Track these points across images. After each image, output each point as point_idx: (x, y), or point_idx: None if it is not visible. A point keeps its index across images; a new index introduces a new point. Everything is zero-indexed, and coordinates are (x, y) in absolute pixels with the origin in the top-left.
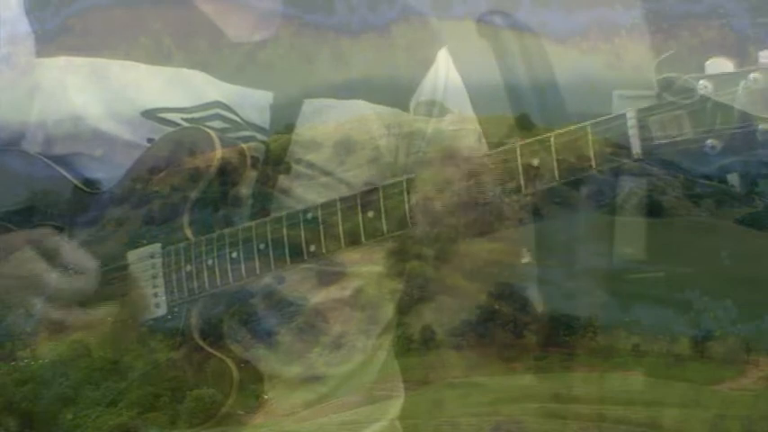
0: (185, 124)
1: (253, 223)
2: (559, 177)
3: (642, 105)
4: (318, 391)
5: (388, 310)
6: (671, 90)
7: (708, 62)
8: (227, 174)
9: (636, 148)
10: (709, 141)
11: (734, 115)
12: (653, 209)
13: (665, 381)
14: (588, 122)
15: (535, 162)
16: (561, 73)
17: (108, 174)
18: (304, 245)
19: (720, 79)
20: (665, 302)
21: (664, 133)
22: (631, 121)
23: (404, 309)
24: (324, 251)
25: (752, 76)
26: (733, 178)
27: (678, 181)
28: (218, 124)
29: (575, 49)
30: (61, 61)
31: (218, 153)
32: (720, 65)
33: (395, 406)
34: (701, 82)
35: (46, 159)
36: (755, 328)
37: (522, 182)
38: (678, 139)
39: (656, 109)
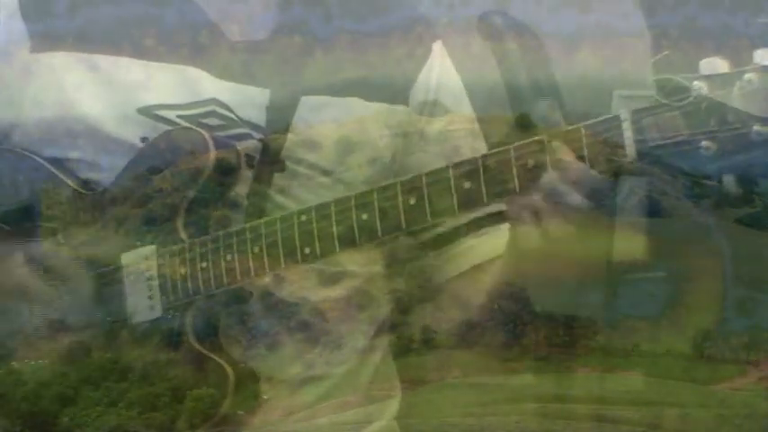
0: (181, 121)
1: (247, 225)
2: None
3: (642, 105)
4: (317, 392)
5: (386, 310)
6: (665, 91)
7: (702, 62)
8: (221, 174)
9: (630, 149)
10: (704, 143)
11: (729, 116)
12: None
13: (665, 381)
14: (582, 124)
15: (530, 163)
16: (561, 73)
17: (101, 172)
18: (298, 247)
19: (715, 80)
20: (665, 302)
21: (658, 134)
22: (626, 123)
23: (404, 309)
24: (318, 253)
25: (746, 76)
26: (728, 179)
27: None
28: (213, 121)
29: (575, 50)
30: (57, 57)
31: (213, 153)
32: (715, 65)
33: (392, 406)
34: (696, 83)
35: (38, 158)
36: (755, 327)
37: (516, 183)
38: (673, 140)
39: (651, 110)
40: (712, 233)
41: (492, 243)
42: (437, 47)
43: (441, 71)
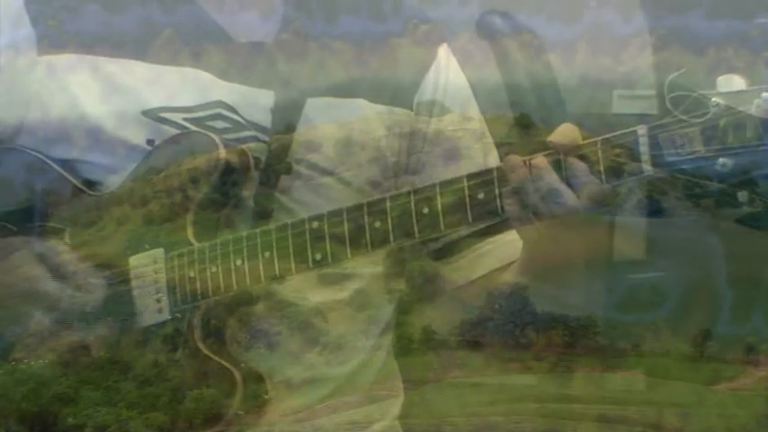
0: (186, 124)
1: (257, 230)
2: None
3: (642, 105)
4: (320, 392)
5: (389, 310)
6: (682, 107)
7: (720, 79)
8: (230, 176)
9: (647, 164)
10: (721, 159)
11: (748, 133)
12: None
13: (665, 381)
14: (599, 138)
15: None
16: (561, 73)
17: (106, 174)
18: (310, 253)
19: (733, 97)
20: (665, 302)
21: (675, 151)
22: (642, 138)
23: (404, 309)
24: (329, 260)
25: (765, 94)
26: (743, 196)
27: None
28: (219, 124)
29: (575, 50)
30: (63, 59)
31: (222, 156)
32: (732, 82)
33: (395, 406)
34: (714, 99)
35: (45, 158)
36: (755, 328)
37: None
38: (690, 156)
39: (668, 126)
40: (712, 233)
41: (505, 249)
42: (443, 49)
43: (447, 73)
